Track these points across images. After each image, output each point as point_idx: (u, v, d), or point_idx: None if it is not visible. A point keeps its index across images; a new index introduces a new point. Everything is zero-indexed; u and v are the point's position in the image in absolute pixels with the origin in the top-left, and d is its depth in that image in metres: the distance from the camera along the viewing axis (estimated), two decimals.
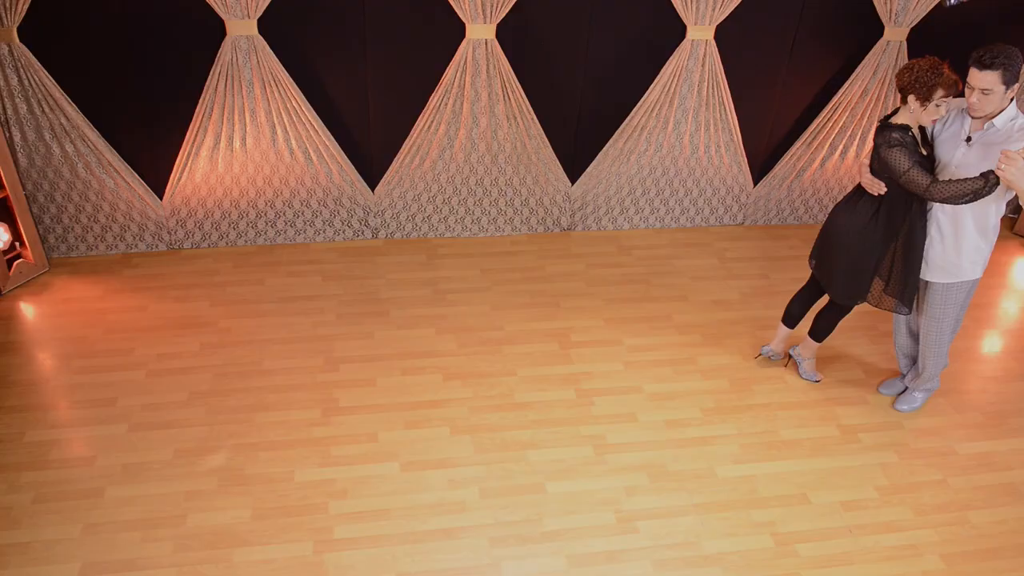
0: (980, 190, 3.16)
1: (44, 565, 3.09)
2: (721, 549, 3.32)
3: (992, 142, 3.26)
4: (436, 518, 3.37)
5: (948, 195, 3.21)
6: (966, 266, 3.55)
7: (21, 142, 4.47)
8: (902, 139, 3.32)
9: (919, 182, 3.27)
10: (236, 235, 5.10)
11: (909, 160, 3.28)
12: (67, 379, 4.00)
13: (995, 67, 3.10)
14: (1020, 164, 3.02)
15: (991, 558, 3.34)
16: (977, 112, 3.25)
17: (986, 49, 3.11)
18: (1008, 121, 3.26)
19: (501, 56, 4.70)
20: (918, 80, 3.24)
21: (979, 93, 3.17)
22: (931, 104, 3.27)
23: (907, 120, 3.38)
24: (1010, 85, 3.15)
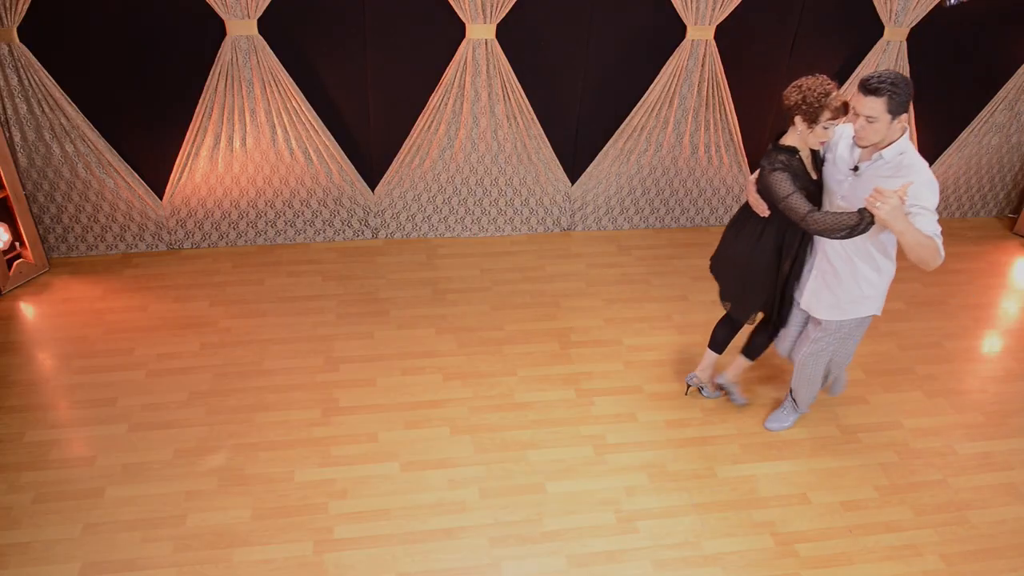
0: (855, 226, 2.94)
1: (44, 565, 3.09)
2: (721, 549, 3.32)
3: (880, 175, 3.02)
4: (436, 518, 3.37)
5: (823, 227, 3.00)
6: (856, 302, 3.32)
7: (21, 142, 4.47)
8: (787, 162, 3.12)
9: (797, 210, 3.05)
10: (236, 235, 5.10)
11: (791, 186, 3.07)
12: (67, 379, 4.00)
13: (879, 93, 2.85)
14: (894, 202, 2.79)
15: (991, 558, 3.34)
16: (862, 140, 3.00)
17: (874, 73, 2.89)
18: (897, 154, 2.99)
19: (501, 56, 4.70)
20: (804, 101, 3.02)
21: (863, 120, 2.92)
22: (818, 127, 3.05)
23: (795, 142, 3.16)
24: (896, 115, 2.90)
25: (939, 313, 4.88)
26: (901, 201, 2.80)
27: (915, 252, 2.89)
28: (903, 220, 2.82)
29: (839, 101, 3.00)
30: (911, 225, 2.85)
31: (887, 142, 3.00)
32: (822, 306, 3.39)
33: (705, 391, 4.06)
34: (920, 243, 2.86)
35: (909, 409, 4.12)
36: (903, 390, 4.25)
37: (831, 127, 3.06)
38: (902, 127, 2.97)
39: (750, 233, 3.39)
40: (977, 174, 5.85)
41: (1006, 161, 5.84)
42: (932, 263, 2.91)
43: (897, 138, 2.99)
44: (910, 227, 2.84)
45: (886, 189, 2.82)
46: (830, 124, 3.04)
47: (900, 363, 4.44)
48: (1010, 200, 6.04)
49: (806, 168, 3.19)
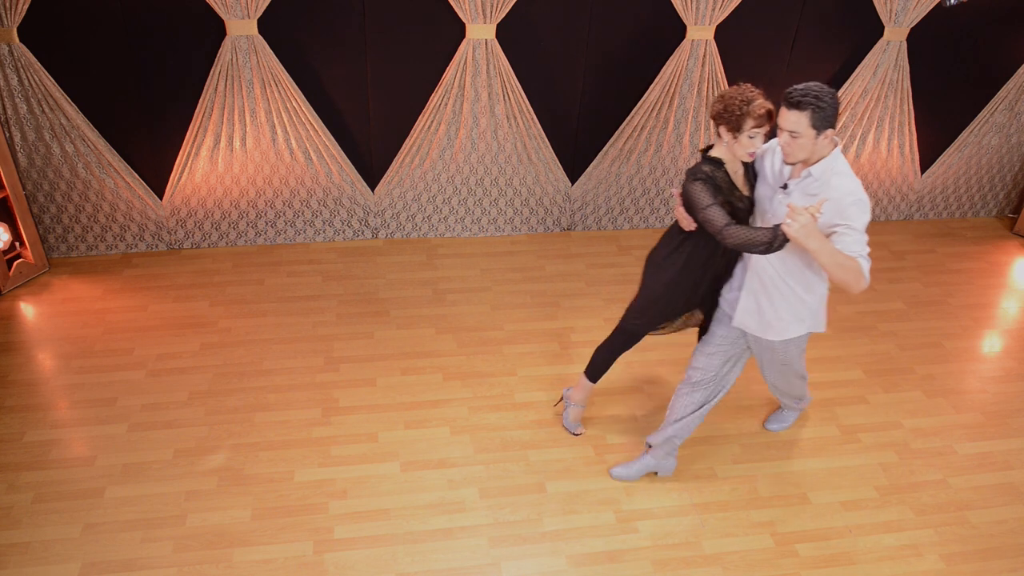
0: (770, 243, 2.80)
1: (44, 565, 3.09)
2: (721, 549, 3.32)
3: (808, 193, 2.86)
4: (436, 518, 3.37)
5: (739, 242, 2.87)
6: (786, 321, 3.15)
7: (21, 142, 4.47)
8: (710, 174, 2.98)
9: (715, 222, 2.92)
10: (236, 235, 5.10)
11: (711, 197, 2.94)
12: (67, 379, 4.00)
13: (802, 107, 2.69)
14: (806, 220, 2.62)
15: (991, 558, 3.34)
16: (788, 157, 2.83)
17: (798, 86, 2.72)
18: (827, 171, 2.83)
19: (501, 56, 4.70)
20: (726, 110, 2.88)
21: (787, 135, 2.76)
22: (743, 136, 2.89)
23: (722, 154, 3.02)
24: (821, 130, 2.73)
25: (939, 313, 4.88)
26: (813, 219, 2.62)
27: (835, 274, 2.71)
28: (817, 239, 2.65)
29: (762, 109, 2.85)
30: (827, 245, 2.67)
31: (816, 158, 2.83)
32: (755, 324, 3.20)
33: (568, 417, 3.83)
34: (839, 264, 2.69)
35: (909, 409, 4.12)
36: (903, 390, 4.25)
37: (757, 136, 2.90)
38: (832, 142, 2.83)
39: (671, 242, 3.26)
40: (977, 174, 5.86)
41: (1006, 161, 5.84)
42: (855, 287, 2.73)
43: (827, 153, 2.83)
44: (825, 247, 2.67)
45: (798, 206, 2.67)
46: (755, 133, 2.89)
47: (900, 363, 4.44)
48: (1010, 200, 6.04)
49: (732, 182, 3.03)
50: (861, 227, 2.77)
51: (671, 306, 3.37)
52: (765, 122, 2.87)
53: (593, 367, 3.64)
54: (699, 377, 3.38)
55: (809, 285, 3.07)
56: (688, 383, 3.41)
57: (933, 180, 5.81)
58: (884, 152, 5.57)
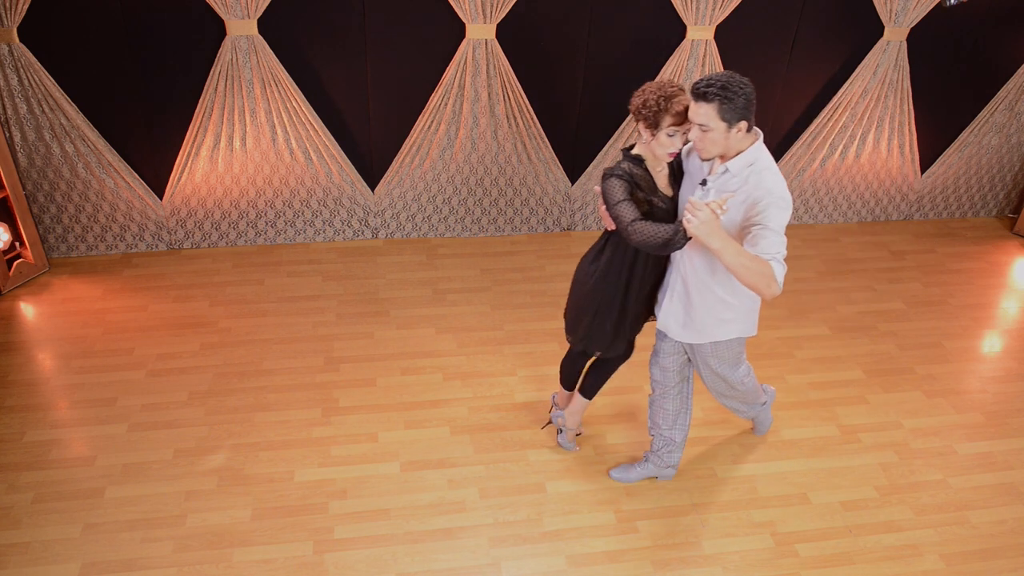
0: (670, 240, 2.65)
1: (44, 565, 3.09)
2: (721, 549, 3.32)
3: (728, 189, 2.71)
4: (436, 518, 3.37)
5: (642, 238, 2.74)
6: (707, 324, 3.02)
7: (21, 142, 4.47)
8: (629, 171, 2.87)
9: (623, 218, 2.80)
10: (236, 235, 5.10)
11: (624, 193, 2.82)
12: (67, 379, 4.00)
13: (709, 99, 2.54)
14: (706, 216, 2.45)
15: (991, 558, 3.34)
16: (701, 152, 2.70)
17: (705, 76, 2.58)
18: (746, 166, 2.68)
19: (501, 56, 4.70)
20: (644, 105, 2.75)
21: (697, 128, 2.63)
22: (661, 134, 2.76)
23: (643, 152, 2.90)
24: (732, 122, 2.59)
25: (939, 313, 4.89)
26: (715, 215, 2.46)
27: (742, 276, 2.51)
28: (719, 237, 2.47)
29: (681, 106, 2.72)
30: (731, 244, 2.49)
31: (733, 152, 2.68)
32: (680, 328, 3.09)
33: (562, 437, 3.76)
34: (744, 266, 2.49)
35: (909, 409, 4.12)
36: (903, 390, 4.25)
37: (676, 135, 2.76)
38: (753, 135, 2.69)
39: (594, 247, 3.16)
40: (977, 174, 5.85)
41: (1006, 161, 5.84)
42: (765, 291, 2.53)
43: (745, 147, 2.69)
44: (729, 246, 2.48)
45: (698, 201, 2.48)
46: (674, 132, 2.75)
47: (900, 363, 4.44)
48: (1010, 200, 6.04)
49: (654, 181, 2.92)
50: (779, 227, 2.60)
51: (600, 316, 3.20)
52: (684, 120, 2.72)
53: (587, 388, 3.56)
54: (661, 390, 3.36)
55: (733, 287, 2.91)
56: (655, 395, 3.40)
57: (933, 180, 5.81)
58: (884, 152, 5.57)
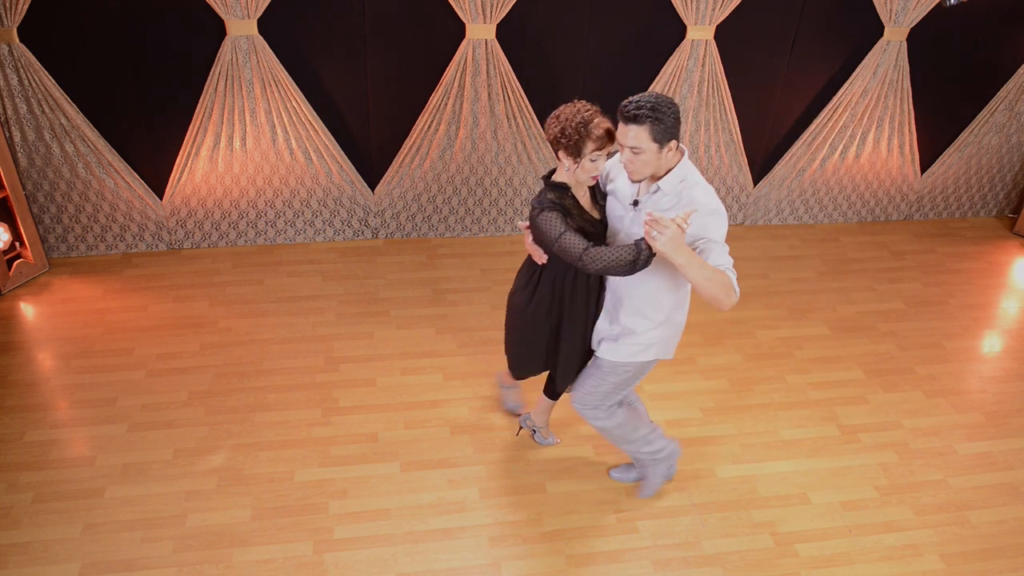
0: (635, 261, 2.58)
1: (44, 565, 3.09)
2: (721, 549, 3.32)
3: (661, 208, 2.68)
4: (436, 518, 3.37)
5: (603, 265, 2.63)
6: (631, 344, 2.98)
7: (21, 142, 4.47)
8: (557, 201, 2.78)
9: (572, 250, 2.68)
10: (236, 235, 5.10)
11: (563, 224, 2.72)
12: (67, 379, 4.00)
13: (640, 121, 2.51)
14: (673, 231, 2.41)
15: (991, 558, 3.34)
16: (632, 174, 2.65)
17: (634, 98, 2.54)
18: (678, 183, 2.66)
19: (501, 56, 4.70)
20: (563, 134, 2.67)
21: (629, 151, 2.58)
22: (584, 160, 2.70)
23: (566, 179, 2.81)
24: (663, 143, 2.56)
25: (939, 313, 4.89)
26: (681, 230, 2.43)
27: (705, 289, 2.51)
28: (685, 252, 2.45)
29: (601, 129, 2.67)
30: (695, 258, 2.49)
31: (664, 170, 2.66)
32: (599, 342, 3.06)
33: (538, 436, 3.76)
34: (709, 279, 2.50)
35: (909, 409, 4.12)
36: (903, 390, 4.25)
37: (599, 159, 2.71)
38: (680, 152, 2.68)
39: (528, 280, 3.07)
40: (977, 174, 5.86)
41: (1006, 161, 5.84)
42: (725, 301, 2.54)
43: (675, 164, 2.66)
44: (694, 260, 2.48)
45: (663, 217, 2.44)
46: (597, 156, 2.70)
47: (900, 363, 4.44)
48: (1010, 200, 6.04)
49: (581, 206, 2.85)
50: (721, 238, 2.62)
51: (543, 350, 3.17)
52: (607, 143, 2.69)
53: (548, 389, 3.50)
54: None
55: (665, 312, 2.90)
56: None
57: (933, 180, 5.81)
58: (884, 152, 5.57)
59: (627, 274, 2.64)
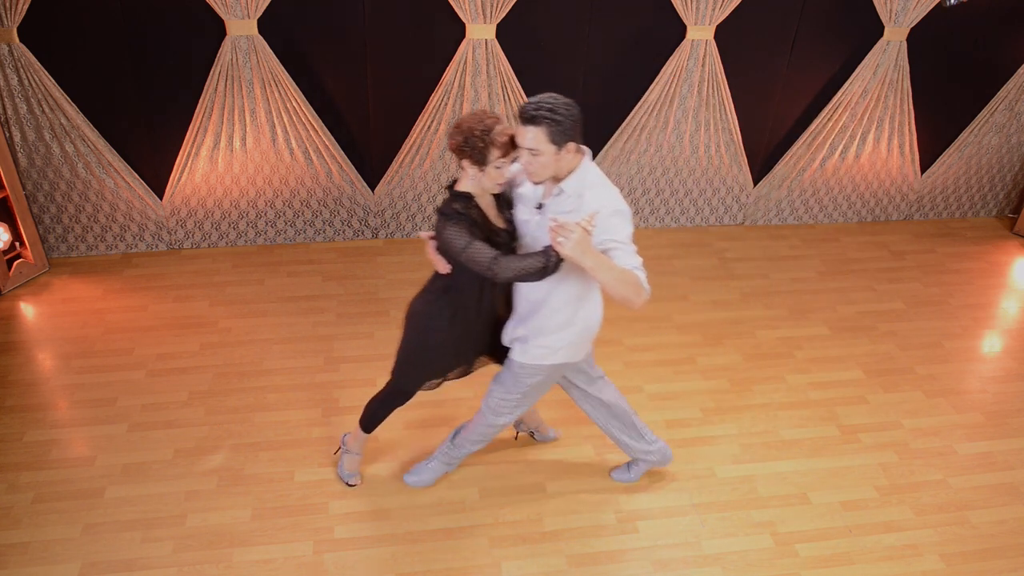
0: (544, 267, 2.55)
1: (44, 565, 3.09)
2: (721, 549, 3.32)
3: (564, 210, 2.65)
4: (436, 518, 3.37)
5: (512, 274, 2.60)
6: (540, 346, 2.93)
7: (21, 142, 4.47)
8: (462, 211, 2.72)
9: (480, 260, 2.64)
10: (236, 235, 5.10)
11: (469, 235, 2.67)
12: (67, 379, 4.00)
13: (537, 122, 2.48)
14: (578, 235, 2.39)
15: (991, 558, 3.34)
16: (532, 176, 2.62)
17: (532, 100, 2.51)
18: (578, 186, 2.64)
19: (501, 56, 4.70)
20: (467, 143, 2.62)
21: (527, 153, 2.55)
22: (489, 167, 2.65)
23: (471, 188, 2.76)
24: (561, 144, 2.53)
25: (939, 313, 4.89)
26: (586, 232, 2.42)
27: (615, 290, 2.51)
28: (593, 255, 2.45)
29: (505, 136, 2.62)
30: (604, 260, 2.49)
31: (565, 172, 2.64)
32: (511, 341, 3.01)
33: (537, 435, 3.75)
34: (618, 279, 2.50)
35: (909, 409, 4.12)
36: (903, 390, 4.25)
37: (504, 166, 2.66)
38: (580, 154, 2.65)
39: (431, 290, 3.00)
40: (977, 174, 5.86)
41: (1006, 161, 5.84)
42: (636, 301, 2.54)
43: (576, 166, 2.64)
44: (603, 262, 2.48)
45: (567, 221, 2.42)
46: (502, 163, 2.64)
47: (900, 363, 4.44)
48: (1010, 200, 6.04)
49: (486, 216, 2.80)
50: (627, 238, 2.60)
51: (442, 360, 3.09)
52: (511, 149, 2.64)
53: (366, 419, 3.35)
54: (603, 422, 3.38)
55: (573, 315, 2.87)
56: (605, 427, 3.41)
57: (933, 180, 5.81)
58: (884, 152, 5.57)
59: (537, 280, 2.62)
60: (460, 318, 2.96)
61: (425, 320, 3.00)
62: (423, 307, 3.01)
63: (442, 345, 3.02)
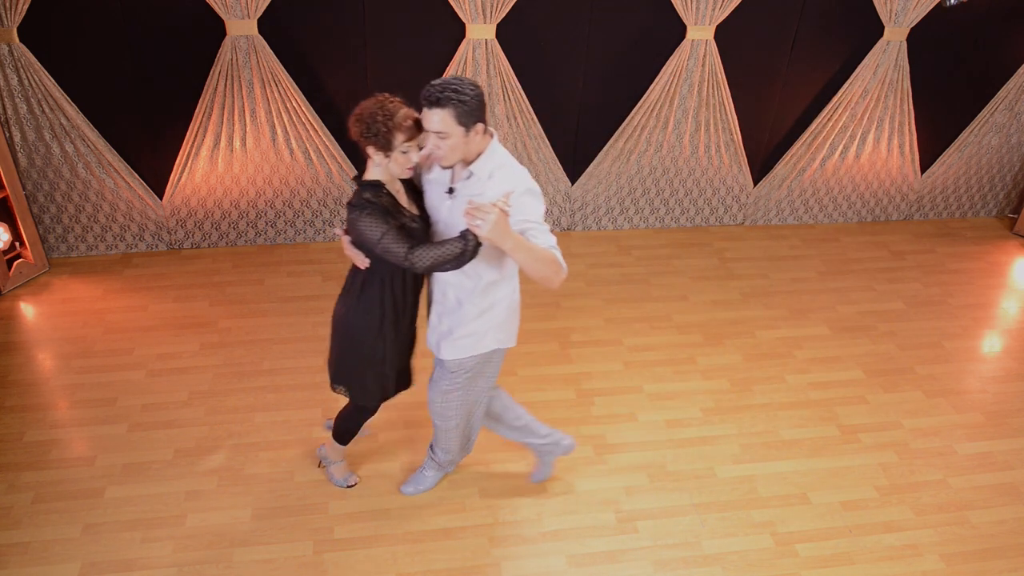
0: (463, 253, 2.54)
1: (44, 565, 3.09)
2: (721, 549, 3.32)
3: (476, 193, 2.61)
4: (436, 518, 3.37)
5: (430, 263, 2.57)
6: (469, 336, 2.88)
7: (21, 142, 4.47)
8: (373, 200, 2.65)
9: (396, 251, 2.60)
10: (236, 235, 5.10)
11: (384, 225, 2.61)
12: (67, 379, 4.00)
13: (442, 104, 2.45)
14: (495, 217, 2.38)
15: (991, 558, 3.34)
16: (441, 160, 2.60)
17: (436, 81, 2.48)
18: (488, 167, 2.62)
19: (501, 56, 4.70)
20: (370, 129, 2.57)
21: (435, 137, 2.52)
22: (395, 153, 2.61)
23: (379, 175, 2.71)
24: (468, 126, 2.50)
25: (939, 313, 4.89)
26: (503, 213, 2.40)
27: (535, 271, 2.52)
28: (511, 237, 2.44)
29: (409, 120, 2.58)
30: (521, 240, 2.48)
31: (474, 155, 2.61)
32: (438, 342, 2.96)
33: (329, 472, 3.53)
34: (538, 259, 2.51)
35: (909, 409, 4.12)
36: (903, 390, 4.25)
37: (411, 150, 2.62)
38: (488, 136, 2.63)
39: (351, 289, 2.91)
40: (977, 174, 5.86)
41: (1006, 161, 5.84)
42: (556, 280, 2.56)
43: (484, 148, 2.62)
44: (521, 243, 2.48)
45: (483, 203, 2.41)
46: (408, 147, 2.61)
47: (900, 363, 4.44)
48: (1010, 200, 6.04)
49: (398, 202, 2.74)
50: (540, 218, 2.59)
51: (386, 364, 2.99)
52: (416, 132, 2.60)
53: (338, 434, 3.32)
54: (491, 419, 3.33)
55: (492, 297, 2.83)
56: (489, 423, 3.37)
57: (933, 180, 5.81)
58: (884, 152, 5.57)
59: (457, 267, 2.59)
60: (389, 317, 2.88)
61: (353, 330, 2.92)
62: (346, 312, 2.91)
63: (377, 348, 2.93)
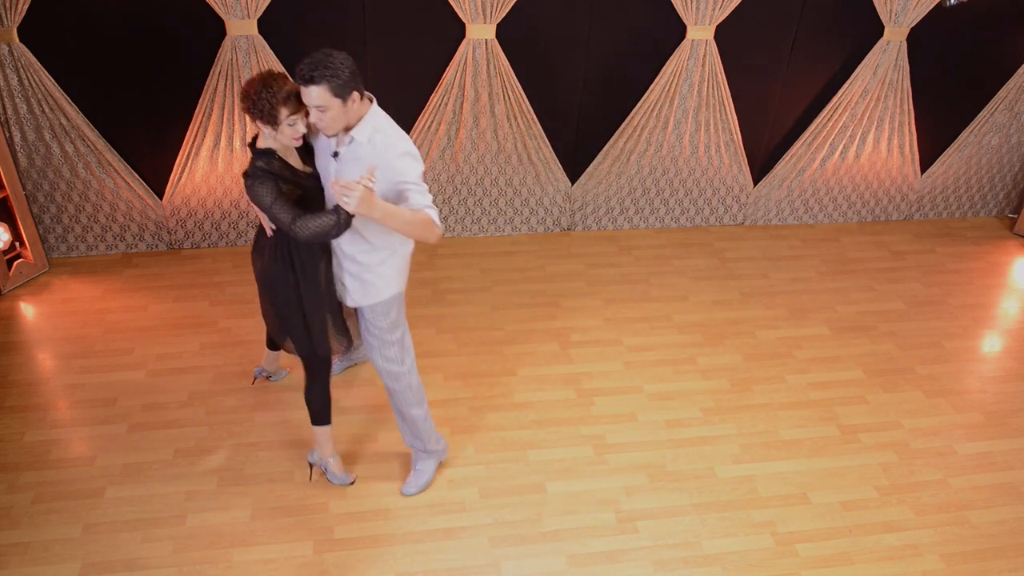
0: (337, 224, 2.70)
1: (44, 565, 3.09)
2: (721, 549, 3.32)
3: (358, 156, 2.77)
4: (436, 518, 3.38)
5: (310, 233, 2.72)
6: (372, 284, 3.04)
7: (21, 142, 4.47)
8: (266, 167, 2.79)
9: (283, 220, 2.74)
10: (236, 235, 5.10)
11: (272, 193, 2.75)
12: (67, 379, 4.00)
13: (316, 81, 2.57)
14: (360, 192, 2.51)
15: (991, 558, 3.34)
16: (326, 130, 2.72)
17: (307, 59, 2.59)
18: (372, 132, 2.76)
19: (501, 56, 4.70)
20: (255, 105, 2.69)
21: (315, 111, 2.65)
22: (282, 125, 2.73)
23: (271, 144, 2.84)
24: (346, 97, 2.63)
25: (939, 313, 4.89)
26: (368, 190, 2.53)
27: (409, 233, 2.72)
28: (380, 208, 2.59)
29: (290, 94, 2.71)
30: (391, 209, 2.63)
31: (356, 120, 2.74)
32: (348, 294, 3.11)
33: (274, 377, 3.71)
34: (409, 223, 2.68)
35: (909, 409, 4.12)
36: (903, 390, 4.25)
37: (297, 122, 2.74)
38: (367, 101, 2.75)
39: (259, 248, 3.08)
40: (977, 174, 5.86)
41: (1006, 161, 5.84)
42: (430, 238, 2.74)
43: (365, 112, 2.75)
44: (390, 211, 2.62)
45: (348, 181, 2.54)
46: (294, 120, 2.73)
47: (900, 363, 4.44)
48: (1010, 200, 6.04)
49: (292, 166, 2.88)
50: (418, 178, 2.74)
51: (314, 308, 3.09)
52: (299, 106, 2.71)
53: (314, 414, 3.37)
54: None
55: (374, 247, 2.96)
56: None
57: (933, 180, 5.81)
58: (884, 152, 5.57)
59: (336, 237, 2.76)
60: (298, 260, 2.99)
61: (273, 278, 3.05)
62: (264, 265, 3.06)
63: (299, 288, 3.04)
